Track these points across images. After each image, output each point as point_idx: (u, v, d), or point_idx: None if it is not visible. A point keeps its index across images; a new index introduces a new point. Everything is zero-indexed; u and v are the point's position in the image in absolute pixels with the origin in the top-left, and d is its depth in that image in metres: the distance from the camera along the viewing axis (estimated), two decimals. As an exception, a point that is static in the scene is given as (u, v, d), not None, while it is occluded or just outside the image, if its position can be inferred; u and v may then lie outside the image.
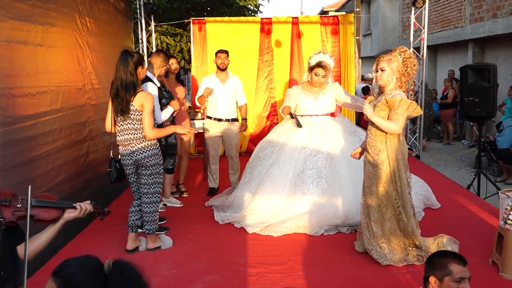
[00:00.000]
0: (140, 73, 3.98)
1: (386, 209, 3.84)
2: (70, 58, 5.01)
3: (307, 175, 4.77)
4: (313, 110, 5.12)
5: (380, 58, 3.84)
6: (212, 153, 5.92)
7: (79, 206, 2.38)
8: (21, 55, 3.99)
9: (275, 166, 4.92)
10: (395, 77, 3.78)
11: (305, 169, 4.80)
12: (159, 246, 4.31)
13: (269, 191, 4.81)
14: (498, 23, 10.16)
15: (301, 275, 3.77)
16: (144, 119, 3.92)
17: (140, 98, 3.90)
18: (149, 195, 4.15)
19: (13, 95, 3.83)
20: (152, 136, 3.99)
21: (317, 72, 5.01)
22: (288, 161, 4.88)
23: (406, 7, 15.03)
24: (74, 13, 5.16)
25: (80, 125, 5.14)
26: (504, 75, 10.17)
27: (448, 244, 4.01)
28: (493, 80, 6.24)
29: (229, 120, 5.85)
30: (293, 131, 5.07)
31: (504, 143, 8.34)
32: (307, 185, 4.73)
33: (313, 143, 4.91)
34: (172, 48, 11.22)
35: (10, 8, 3.82)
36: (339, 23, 8.47)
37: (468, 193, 6.15)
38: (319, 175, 4.76)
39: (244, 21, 9.03)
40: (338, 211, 4.60)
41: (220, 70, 5.84)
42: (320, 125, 5.06)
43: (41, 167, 4.22)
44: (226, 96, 5.80)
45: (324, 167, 4.79)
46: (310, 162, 4.82)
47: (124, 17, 7.16)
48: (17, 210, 2.19)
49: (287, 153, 4.93)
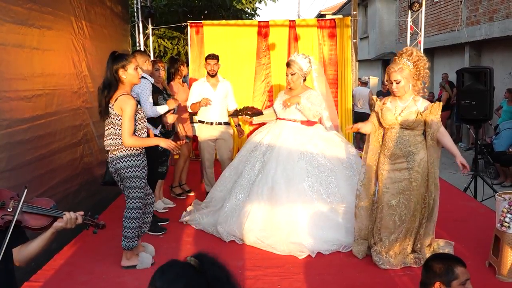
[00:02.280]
0: (122, 75, 3.69)
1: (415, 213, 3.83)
2: (66, 62, 5.00)
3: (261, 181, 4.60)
4: (280, 114, 4.95)
5: (391, 69, 3.77)
6: (208, 157, 5.90)
7: (65, 216, 2.24)
8: (17, 58, 3.98)
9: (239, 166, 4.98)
10: (411, 84, 3.78)
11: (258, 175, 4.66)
12: (134, 266, 3.93)
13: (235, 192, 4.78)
14: (494, 26, 10.20)
15: (298, 278, 3.76)
16: (123, 125, 3.64)
17: (120, 102, 3.65)
18: (128, 210, 3.85)
19: (9, 98, 3.82)
20: (129, 144, 3.67)
21: (286, 72, 4.88)
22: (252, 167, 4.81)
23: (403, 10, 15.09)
24: (71, 16, 5.16)
25: (75, 128, 5.13)
26: (500, 78, 10.20)
27: (445, 246, 4.01)
28: (489, 83, 6.26)
29: (221, 123, 5.81)
30: (254, 135, 5.11)
31: (500, 146, 8.36)
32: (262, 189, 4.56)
33: (271, 149, 4.73)
34: (170, 51, 11.22)
35: (7, 12, 3.82)
36: (336, 27, 8.47)
37: (465, 195, 6.16)
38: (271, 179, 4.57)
39: (242, 24, 9.02)
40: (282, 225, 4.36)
41: (211, 76, 5.79)
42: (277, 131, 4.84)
43: (36, 170, 4.20)
44: (218, 101, 5.75)
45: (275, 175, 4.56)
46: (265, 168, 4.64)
47: (121, 20, 7.15)
48: (6, 214, 2.14)
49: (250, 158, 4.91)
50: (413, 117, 3.75)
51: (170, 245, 4.49)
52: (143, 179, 3.83)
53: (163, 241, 4.58)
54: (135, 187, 3.79)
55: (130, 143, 3.68)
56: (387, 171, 3.88)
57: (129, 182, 3.76)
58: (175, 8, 11.09)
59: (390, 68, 3.80)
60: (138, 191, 3.81)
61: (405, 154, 3.80)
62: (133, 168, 3.75)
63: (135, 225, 3.86)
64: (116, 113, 3.68)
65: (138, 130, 3.77)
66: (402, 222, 3.83)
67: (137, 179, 3.77)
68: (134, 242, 3.90)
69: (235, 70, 7.87)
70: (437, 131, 3.75)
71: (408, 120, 3.76)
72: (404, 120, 3.78)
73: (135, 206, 3.83)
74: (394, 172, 3.84)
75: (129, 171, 3.74)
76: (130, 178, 3.75)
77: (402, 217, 3.83)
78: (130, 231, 3.86)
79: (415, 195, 3.80)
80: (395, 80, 3.76)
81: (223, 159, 5.86)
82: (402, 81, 3.75)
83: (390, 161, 3.86)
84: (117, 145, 3.72)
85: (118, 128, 3.70)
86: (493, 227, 3.88)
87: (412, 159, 3.78)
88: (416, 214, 3.84)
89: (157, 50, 10.88)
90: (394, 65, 3.79)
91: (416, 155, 3.77)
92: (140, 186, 3.81)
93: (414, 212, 3.83)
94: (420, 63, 3.75)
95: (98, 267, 3.99)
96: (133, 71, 3.75)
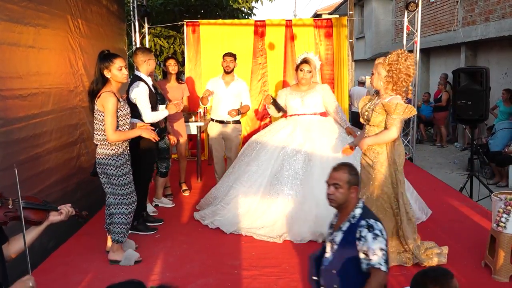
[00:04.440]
0: (107, 75, 3.84)
1: (384, 211, 3.83)
2: (62, 60, 4.98)
3: (283, 175, 4.75)
4: (299, 109, 5.08)
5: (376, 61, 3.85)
6: (216, 154, 5.99)
7: (64, 210, 2.48)
8: (13, 56, 3.96)
9: (253, 163, 4.95)
10: (381, 82, 3.76)
11: (282, 169, 4.78)
12: (118, 261, 4.00)
13: (246, 188, 4.84)
14: (490, 27, 10.22)
15: (295, 277, 3.76)
16: (106, 121, 3.79)
17: (101, 99, 3.81)
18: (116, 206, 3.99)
19: (4, 97, 3.80)
20: (113, 139, 3.82)
21: (302, 68, 5.02)
22: (267, 160, 4.89)
23: (399, 10, 15.11)
24: (67, 15, 5.14)
25: (72, 127, 5.11)
26: (496, 78, 10.23)
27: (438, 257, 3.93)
28: (485, 83, 6.28)
29: (230, 122, 5.87)
30: (278, 130, 5.10)
31: (496, 146, 8.38)
32: (281, 186, 4.71)
33: (293, 143, 4.89)
34: (166, 51, 11.19)
35: (2, 10, 3.80)
36: (332, 26, 8.48)
37: (460, 195, 6.17)
38: (295, 176, 4.73)
39: (238, 23, 9.03)
40: (309, 215, 4.51)
41: (225, 73, 5.86)
42: (304, 125, 5.03)
43: (32, 169, 4.18)
44: (228, 99, 5.82)
45: (301, 168, 4.75)
46: (287, 162, 4.80)
47: (117, 19, 7.13)
48: (9, 211, 2.27)
49: (268, 152, 4.95)
50: (370, 113, 3.79)
51: (165, 244, 4.48)
52: (121, 177, 3.94)
53: (158, 241, 4.57)
54: (120, 185, 3.94)
55: (114, 138, 3.84)
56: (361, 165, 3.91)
57: (103, 177, 3.94)
58: (172, 7, 11.05)
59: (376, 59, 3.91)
60: (122, 189, 3.95)
61: (371, 151, 3.81)
62: (108, 166, 3.89)
63: (124, 220, 4.00)
64: (99, 109, 3.84)
65: (120, 126, 3.92)
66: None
67: (112, 176, 3.92)
68: (122, 238, 4.03)
69: (232, 70, 7.84)
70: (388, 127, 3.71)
71: (367, 117, 3.83)
72: (365, 116, 3.86)
73: (121, 202, 3.97)
74: (364, 167, 3.87)
75: (105, 168, 3.90)
76: (106, 174, 3.92)
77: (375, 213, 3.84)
78: (119, 226, 4.00)
79: (379, 193, 3.79)
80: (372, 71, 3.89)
81: (231, 157, 5.89)
82: (375, 74, 3.81)
83: (363, 154, 3.90)
84: (102, 140, 3.89)
85: (101, 124, 3.86)
86: (488, 227, 3.88)
87: (376, 158, 3.78)
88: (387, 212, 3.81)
89: (153, 49, 10.84)
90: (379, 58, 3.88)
91: (380, 155, 3.77)
92: (125, 184, 3.95)
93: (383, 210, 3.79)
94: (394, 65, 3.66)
95: (93, 267, 3.98)
96: (117, 71, 3.86)
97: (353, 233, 2.53)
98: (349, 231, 2.57)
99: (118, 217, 3.99)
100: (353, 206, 2.63)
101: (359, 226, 2.53)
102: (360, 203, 2.66)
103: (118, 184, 3.94)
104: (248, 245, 4.43)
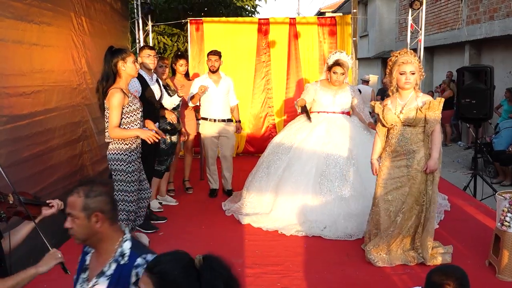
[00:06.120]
0: (121, 67, 3.84)
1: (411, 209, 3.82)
2: (66, 58, 4.98)
3: (330, 172, 4.74)
4: (330, 107, 5.11)
5: (407, 60, 3.72)
6: (211, 154, 5.91)
7: (55, 204, 2.53)
8: (17, 54, 3.96)
9: (296, 163, 4.89)
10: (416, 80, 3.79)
11: (328, 167, 4.77)
12: None
13: (293, 189, 4.78)
14: (494, 25, 10.18)
15: (298, 275, 3.76)
16: (109, 117, 3.82)
17: (108, 96, 3.82)
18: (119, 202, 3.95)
19: (8, 94, 3.80)
20: (114, 135, 3.85)
21: (335, 70, 5.03)
22: (310, 159, 4.85)
23: (403, 8, 15.07)
24: (70, 12, 5.13)
25: (75, 124, 5.11)
26: (500, 77, 10.18)
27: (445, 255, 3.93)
28: (489, 82, 6.25)
29: (224, 120, 5.85)
30: (312, 128, 5.07)
31: (500, 145, 8.35)
32: (332, 183, 4.69)
33: (333, 141, 4.89)
34: (169, 48, 11.19)
35: (6, 7, 3.80)
36: (336, 24, 8.46)
37: (464, 194, 6.16)
38: (342, 173, 4.73)
39: (242, 21, 9.00)
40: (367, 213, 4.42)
41: (212, 72, 5.81)
42: (338, 123, 5.05)
43: (35, 167, 4.18)
44: (220, 97, 5.80)
45: (346, 165, 4.75)
46: (332, 160, 4.79)
47: (121, 17, 7.13)
48: (10, 206, 2.31)
49: (308, 151, 4.91)
50: (413, 114, 3.74)
51: (169, 242, 4.47)
52: (130, 173, 3.93)
53: (162, 239, 4.57)
54: (119, 180, 3.92)
55: (113, 134, 3.84)
56: (387, 167, 3.88)
57: (115, 174, 3.93)
58: (175, 5, 11.05)
59: (405, 59, 3.73)
60: (122, 184, 3.93)
61: (406, 151, 3.79)
62: (120, 162, 3.89)
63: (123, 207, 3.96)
64: (107, 106, 3.85)
65: (131, 122, 3.90)
66: (396, 216, 3.82)
67: (121, 172, 3.91)
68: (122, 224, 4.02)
69: (235, 68, 7.83)
70: (433, 127, 3.74)
71: (409, 118, 3.76)
72: (406, 118, 3.77)
73: (119, 198, 3.93)
74: (393, 169, 3.85)
75: (115, 164, 3.91)
76: (115, 170, 3.92)
77: (397, 212, 3.82)
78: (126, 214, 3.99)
79: (413, 192, 3.79)
80: (411, 71, 3.72)
81: (226, 156, 5.87)
82: (416, 73, 3.74)
83: (391, 157, 3.86)
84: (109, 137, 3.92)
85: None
86: (492, 226, 3.87)
87: (412, 157, 3.78)
88: (413, 211, 3.83)
89: (157, 47, 10.84)
90: (407, 57, 3.74)
91: (417, 153, 3.77)
92: (124, 180, 3.93)
93: (410, 209, 3.81)
94: (420, 64, 3.80)
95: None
96: (132, 64, 3.87)
97: (125, 278, 1.85)
98: (119, 275, 1.87)
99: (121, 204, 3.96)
100: (116, 240, 1.93)
101: (134, 267, 1.86)
102: (126, 234, 1.97)
103: (125, 180, 3.93)
104: (251, 243, 4.42)
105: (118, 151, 3.89)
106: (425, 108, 3.73)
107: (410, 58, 3.74)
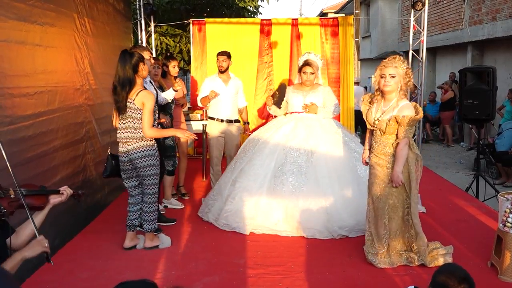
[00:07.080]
0: (142, 69, 4.02)
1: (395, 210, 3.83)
2: (68, 59, 4.99)
3: (287, 168, 4.81)
4: (300, 108, 5.14)
5: (388, 63, 3.75)
6: (216, 154, 5.94)
7: (65, 192, 2.65)
8: (20, 55, 3.98)
9: (257, 157, 4.97)
10: (400, 85, 3.76)
11: (285, 163, 4.84)
12: (157, 245, 4.31)
13: (251, 181, 4.85)
14: (497, 26, 10.17)
15: (300, 276, 3.76)
16: (144, 117, 3.97)
17: (141, 96, 3.96)
18: (149, 196, 4.20)
19: (11, 95, 3.82)
20: (150, 135, 4.02)
21: (305, 70, 5.08)
22: (271, 154, 4.93)
23: (406, 9, 15.06)
24: (73, 13, 5.15)
25: (78, 125, 5.13)
26: (503, 78, 10.18)
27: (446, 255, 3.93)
28: (492, 83, 6.24)
29: (231, 121, 5.87)
30: (280, 126, 5.14)
31: (502, 146, 8.34)
32: (286, 177, 4.75)
33: (296, 139, 4.95)
34: (172, 49, 11.22)
35: (10, 8, 3.81)
36: (338, 25, 8.47)
37: (466, 195, 6.15)
38: (299, 169, 4.78)
39: (244, 22, 9.02)
40: (320, 210, 4.58)
41: (220, 72, 5.84)
42: (305, 122, 5.08)
43: (38, 167, 4.20)
44: (229, 97, 5.83)
45: (304, 163, 4.80)
46: (291, 156, 4.85)
47: (123, 18, 7.15)
48: (12, 200, 2.34)
49: (271, 147, 4.98)
50: (384, 126, 3.74)
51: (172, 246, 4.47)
52: (157, 167, 4.17)
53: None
54: (154, 174, 4.13)
55: (151, 134, 4.02)
56: (372, 165, 3.92)
57: (148, 170, 4.09)
58: (178, 5, 11.09)
59: (387, 62, 3.78)
60: (155, 178, 4.16)
61: (384, 153, 3.80)
62: (151, 157, 4.08)
63: (154, 208, 4.25)
64: (138, 107, 3.97)
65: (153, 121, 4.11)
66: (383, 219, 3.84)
67: (154, 167, 4.12)
68: (154, 224, 4.29)
69: (237, 68, 7.82)
70: (399, 141, 3.72)
71: (381, 127, 3.78)
72: (379, 126, 3.80)
73: (154, 191, 4.20)
74: (377, 167, 3.87)
75: (147, 160, 4.07)
76: (149, 166, 4.09)
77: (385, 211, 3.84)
78: (151, 214, 4.24)
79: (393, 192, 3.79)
80: (390, 74, 3.73)
81: (231, 155, 5.89)
82: (396, 76, 3.74)
83: (374, 155, 3.89)
84: (135, 138, 4.03)
85: (138, 122, 4.00)
86: (494, 227, 3.87)
87: (391, 160, 3.78)
88: (398, 211, 3.82)
89: (159, 47, 10.87)
90: (391, 61, 3.78)
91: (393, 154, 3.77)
92: (156, 173, 4.16)
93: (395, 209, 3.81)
94: (409, 71, 3.77)
95: (99, 264, 3.99)
96: (146, 65, 4.13)
97: None
98: None
99: (149, 206, 4.22)
100: None
101: None
102: None
103: (155, 173, 4.14)
104: (253, 243, 4.43)
105: (145, 148, 4.04)
106: (393, 121, 3.71)
107: (395, 62, 3.75)
